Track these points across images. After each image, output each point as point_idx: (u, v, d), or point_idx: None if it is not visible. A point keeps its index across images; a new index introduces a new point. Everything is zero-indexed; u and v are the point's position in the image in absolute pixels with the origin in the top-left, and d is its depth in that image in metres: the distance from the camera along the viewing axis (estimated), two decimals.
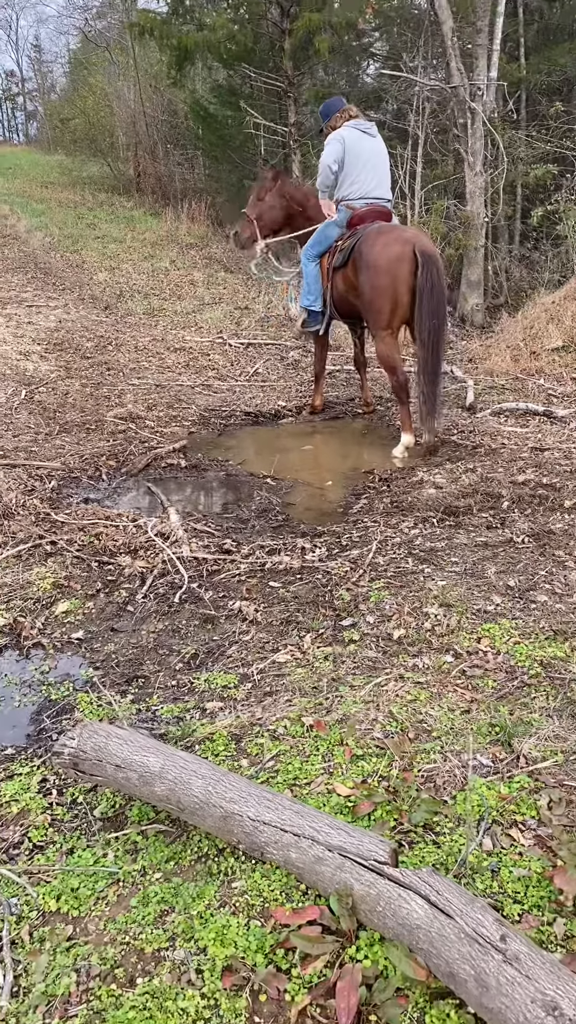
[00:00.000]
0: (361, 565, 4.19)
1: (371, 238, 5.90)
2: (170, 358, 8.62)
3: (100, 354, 8.58)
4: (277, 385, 7.94)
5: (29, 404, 6.92)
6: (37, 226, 16.03)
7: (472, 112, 9.85)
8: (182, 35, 12.87)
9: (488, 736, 2.76)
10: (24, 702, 3.26)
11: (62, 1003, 1.93)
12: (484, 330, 10.02)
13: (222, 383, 7.93)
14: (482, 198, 10.23)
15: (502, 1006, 1.70)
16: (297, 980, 1.91)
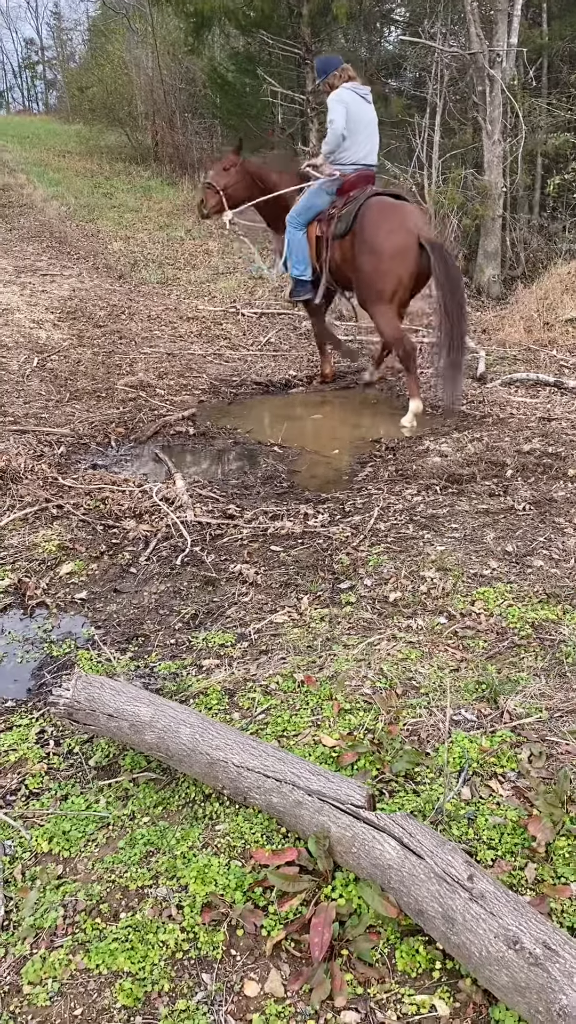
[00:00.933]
0: (362, 531, 4.24)
1: (374, 219, 5.89)
2: (183, 327, 8.64)
3: (113, 323, 8.61)
4: (289, 355, 7.96)
5: (41, 372, 6.98)
6: (53, 195, 16.02)
7: (491, 79, 9.73)
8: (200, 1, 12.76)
9: (475, 693, 2.81)
10: (26, 658, 3.35)
11: (49, 935, 2.02)
12: (500, 301, 9.96)
13: (234, 352, 7.95)
14: (500, 167, 10.12)
15: (467, 941, 1.76)
16: (273, 916, 1.98)
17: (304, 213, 6.27)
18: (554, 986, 1.63)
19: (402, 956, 1.89)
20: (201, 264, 11.36)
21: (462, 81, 11.34)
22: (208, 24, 13.40)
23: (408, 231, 5.78)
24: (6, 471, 4.83)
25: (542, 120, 11.02)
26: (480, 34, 9.77)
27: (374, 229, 5.84)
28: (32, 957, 1.96)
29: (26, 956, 1.97)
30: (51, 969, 1.91)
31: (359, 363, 7.38)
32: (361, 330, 8.67)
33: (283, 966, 1.91)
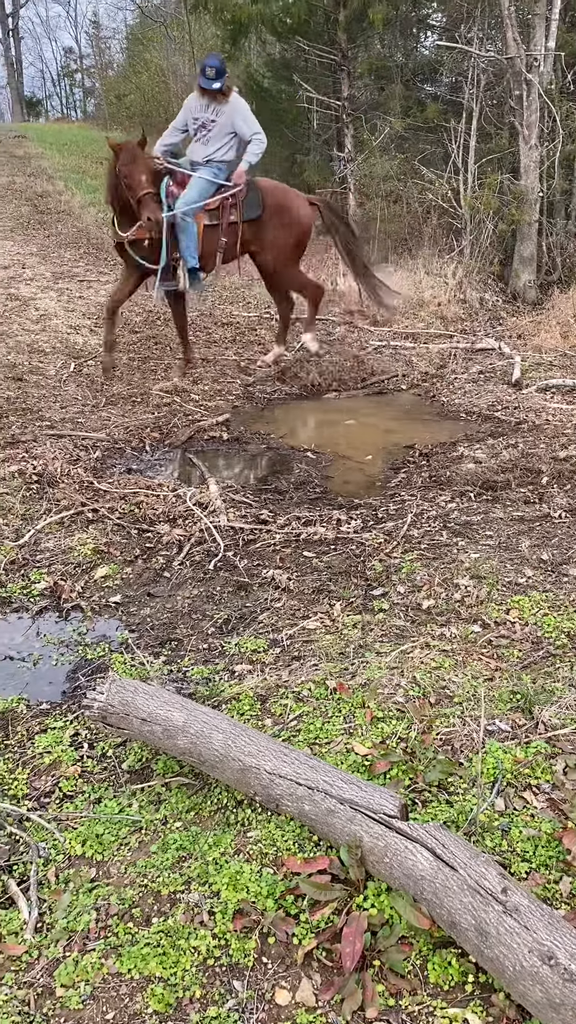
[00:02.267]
0: (395, 537, 4.22)
1: (284, 195, 6.87)
2: (217, 332, 8.68)
3: (148, 328, 8.67)
4: (323, 360, 7.95)
5: (77, 377, 7.04)
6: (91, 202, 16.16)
7: (528, 84, 9.66)
8: (237, 8, 12.80)
9: (509, 703, 2.79)
10: (61, 661, 3.38)
11: (82, 938, 2.03)
12: (536, 306, 9.86)
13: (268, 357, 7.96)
14: (537, 172, 10.03)
15: (500, 954, 1.74)
16: (305, 925, 1.98)
17: (198, 204, 6.45)
18: None
19: (434, 968, 1.87)
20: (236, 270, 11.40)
21: (499, 86, 11.26)
22: (245, 31, 13.45)
23: (309, 200, 7.00)
24: (43, 475, 4.88)
25: None
26: (517, 38, 9.70)
27: (291, 204, 6.81)
28: (65, 960, 1.97)
29: (59, 959, 1.98)
30: (84, 972, 1.93)
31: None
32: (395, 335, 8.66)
33: (314, 975, 1.91)
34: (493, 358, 7.81)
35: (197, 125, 6.59)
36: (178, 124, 6.70)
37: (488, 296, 9.82)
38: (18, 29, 42.32)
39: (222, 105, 6.50)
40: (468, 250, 10.16)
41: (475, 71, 10.69)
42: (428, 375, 7.50)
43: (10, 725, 2.95)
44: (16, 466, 4.96)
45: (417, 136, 12.63)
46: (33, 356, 7.30)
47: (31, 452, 5.18)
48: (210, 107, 6.52)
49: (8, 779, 2.68)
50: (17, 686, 3.21)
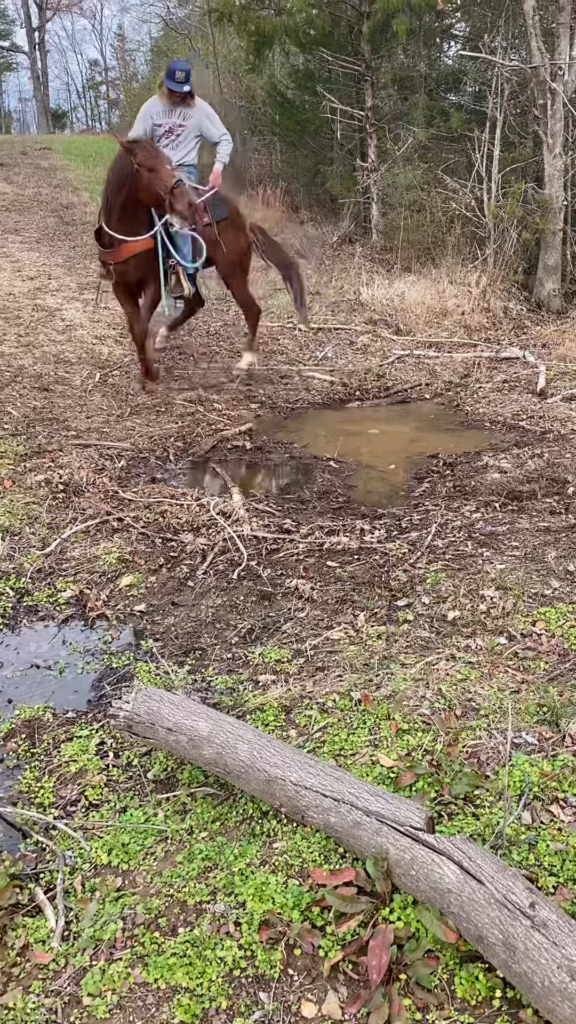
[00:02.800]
0: (419, 547, 4.22)
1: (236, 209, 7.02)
2: (240, 342, 8.70)
3: (172, 338, 8.72)
4: (345, 369, 7.97)
5: (103, 387, 7.09)
6: None
7: (552, 93, 9.64)
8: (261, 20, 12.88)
9: (536, 716, 2.77)
10: (87, 669, 3.40)
11: (108, 947, 2.04)
12: (561, 315, 9.82)
13: (291, 367, 7.99)
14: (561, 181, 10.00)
15: (528, 970, 1.73)
16: (331, 937, 1.98)
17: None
18: None
19: (461, 983, 1.86)
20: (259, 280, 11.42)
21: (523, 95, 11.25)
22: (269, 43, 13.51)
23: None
24: (69, 484, 4.92)
25: None
26: (542, 47, 9.70)
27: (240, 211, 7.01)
28: (92, 969, 1.98)
29: (86, 967, 1.99)
30: (110, 982, 1.93)
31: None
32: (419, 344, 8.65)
33: (341, 988, 1.90)
34: (517, 367, 7.79)
35: (163, 131, 6.51)
36: (138, 133, 6.47)
37: (512, 305, 9.79)
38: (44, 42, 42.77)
39: (189, 109, 6.49)
40: (492, 259, 10.14)
41: (499, 80, 10.68)
42: (452, 384, 7.48)
43: (37, 733, 2.97)
44: (43, 475, 5.00)
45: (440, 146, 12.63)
46: (59, 366, 7.36)
47: (57, 461, 5.22)
48: (176, 111, 6.47)
49: (35, 787, 2.70)
50: (43, 694, 3.23)
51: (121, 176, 6.01)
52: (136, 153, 5.89)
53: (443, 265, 10.44)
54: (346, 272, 11.07)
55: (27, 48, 42.79)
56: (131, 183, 5.94)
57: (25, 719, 3.04)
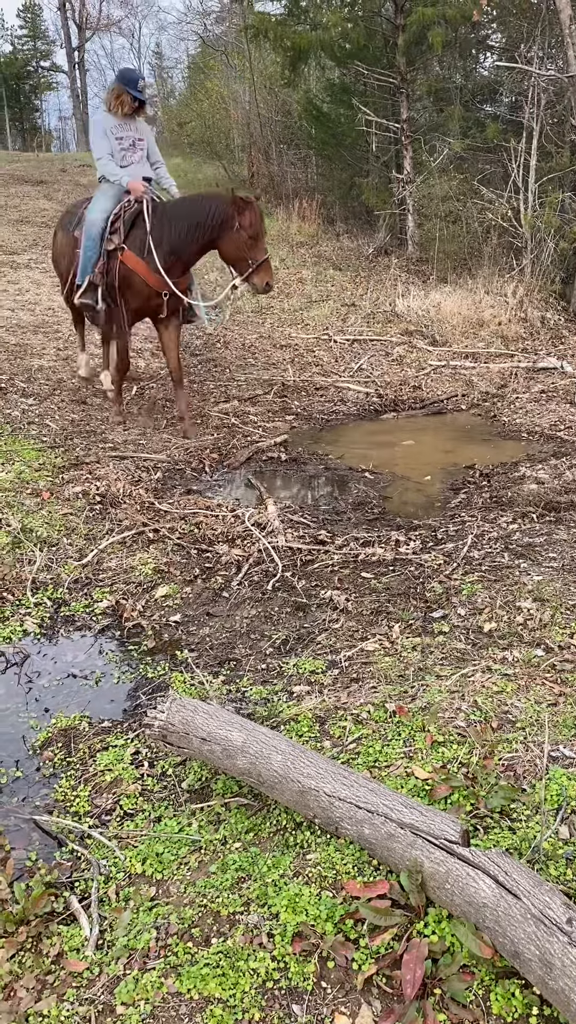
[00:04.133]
0: (455, 559, 4.19)
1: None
2: (276, 354, 8.75)
3: (208, 351, 8.79)
4: (380, 381, 7.96)
5: (139, 400, 7.17)
6: None
7: None
8: (296, 35, 12.98)
9: (574, 729, 2.73)
10: (123, 679, 3.42)
11: (142, 956, 2.04)
12: None
13: (326, 379, 8.00)
14: None
15: (565, 987, 1.70)
16: (364, 950, 1.96)
17: None
18: None
19: (497, 999, 1.84)
20: (295, 292, 11.48)
21: (559, 104, 11.20)
22: (305, 57, 13.61)
23: None
24: (106, 496, 4.97)
25: None
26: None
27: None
28: (125, 978, 1.98)
29: (119, 976, 2.00)
30: (144, 991, 1.93)
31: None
32: (455, 355, 8.61)
33: (374, 1001, 1.89)
34: (555, 377, 7.73)
35: (125, 145, 6.14)
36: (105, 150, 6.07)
37: (549, 315, 9.72)
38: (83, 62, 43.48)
39: (140, 121, 6.24)
40: (529, 269, 10.09)
41: (535, 90, 10.64)
42: (488, 395, 7.44)
43: (72, 743, 2.99)
44: (80, 487, 5.05)
45: (476, 156, 12.61)
46: (96, 380, 7.44)
47: (94, 473, 5.28)
48: (131, 124, 6.15)
49: (70, 796, 2.72)
50: (80, 703, 3.26)
51: (208, 226, 5.81)
52: (245, 214, 5.74)
53: (479, 276, 10.40)
54: (382, 283, 11.08)
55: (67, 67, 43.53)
56: (219, 238, 5.84)
57: (61, 728, 3.07)
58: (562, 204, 10.30)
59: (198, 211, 5.83)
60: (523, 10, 12.32)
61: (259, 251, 5.89)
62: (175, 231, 5.85)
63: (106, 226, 5.98)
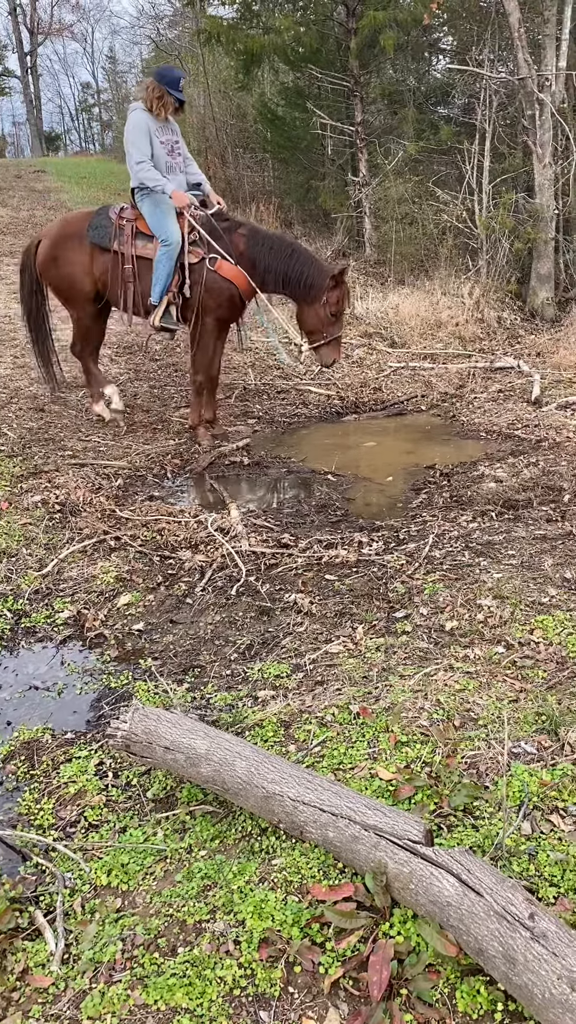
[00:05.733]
0: (417, 558, 4.21)
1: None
2: (236, 358, 8.73)
3: (168, 356, 8.75)
4: (341, 383, 7.98)
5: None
6: None
7: (540, 103, 9.71)
8: (249, 39, 13.00)
9: (535, 725, 2.76)
10: (85, 690, 3.40)
11: (108, 969, 2.03)
12: (554, 324, 9.85)
13: (287, 382, 8.01)
14: (551, 190, 10.05)
15: (529, 982, 1.72)
16: (331, 953, 1.97)
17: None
18: None
19: (463, 996, 1.85)
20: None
21: (511, 106, 11.34)
22: (258, 61, 13.64)
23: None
24: (66, 504, 4.93)
25: None
26: (528, 59, 9.77)
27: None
28: (91, 991, 1.97)
29: (85, 990, 1.98)
30: (110, 1004, 1.92)
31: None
32: (415, 356, 8.68)
33: (341, 1004, 1.89)
34: (512, 377, 7.81)
35: (166, 149, 5.85)
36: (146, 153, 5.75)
37: (506, 315, 9.82)
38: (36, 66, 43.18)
39: (173, 121, 5.97)
40: (485, 270, 10.19)
41: (487, 92, 10.76)
42: (447, 395, 7.50)
43: (36, 755, 2.96)
44: (39, 496, 5.01)
45: (431, 158, 12.71)
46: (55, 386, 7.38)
47: (54, 482, 5.23)
48: (169, 125, 5.90)
49: (34, 809, 2.69)
50: (42, 716, 3.23)
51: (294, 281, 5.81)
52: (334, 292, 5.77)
53: (436, 277, 10.48)
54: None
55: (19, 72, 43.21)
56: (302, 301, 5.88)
57: (24, 741, 3.04)
58: (516, 205, 10.42)
59: (293, 268, 5.80)
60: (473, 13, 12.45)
61: (336, 328, 5.91)
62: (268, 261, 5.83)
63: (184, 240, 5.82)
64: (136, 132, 5.74)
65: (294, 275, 5.79)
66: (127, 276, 5.94)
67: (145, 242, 5.90)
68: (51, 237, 6.20)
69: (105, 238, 5.96)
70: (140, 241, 5.92)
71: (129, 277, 5.94)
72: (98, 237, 5.98)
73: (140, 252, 5.91)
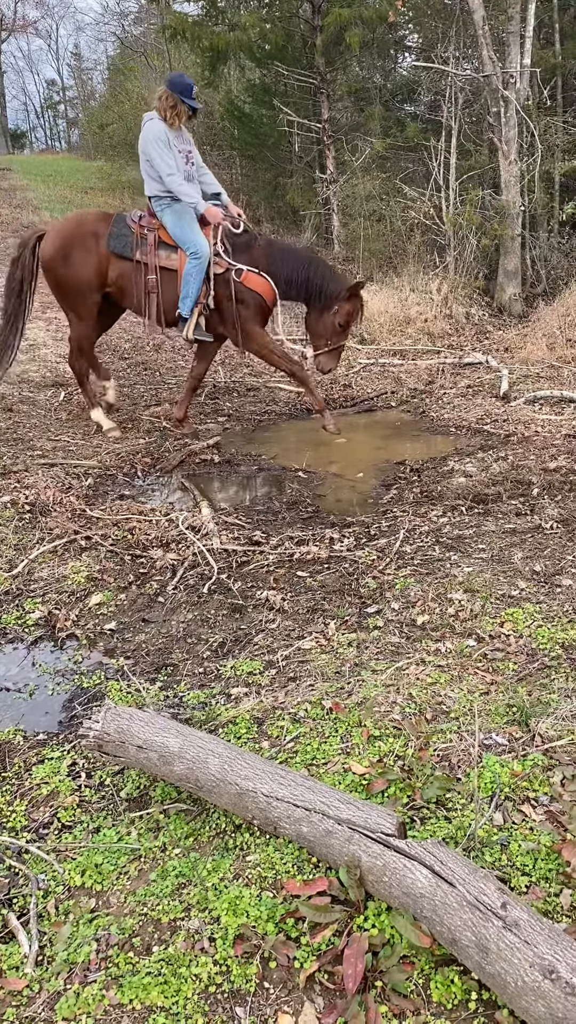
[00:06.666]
0: (388, 554, 4.23)
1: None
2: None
3: (137, 355, 8.72)
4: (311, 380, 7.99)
5: (68, 405, 7.07)
6: None
7: (505, 101, 9.78)
8: (214, 36, 12.98)
9: (505, 716, 2.79)
10: (57, 690, 3.37)
11: (82, 970, 2.02)
12: (522, 319, 9.93)
13: (257, 380, 8.01)
14: (517, 187, 10.13)
15: (501, 970, 1.74)
16: (306, 948, 1.97)
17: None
18: None
19: (437, 987, 1.86)
20: None
21: (477, 103, 11.41)
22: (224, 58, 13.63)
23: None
24: (35, 504, 4.89)
25: (559, 139, 11.02)
26: (493, 56, 9.84)
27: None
28: (66, 993, 1.96)
29: (60, 992, 1.97)
30: (85, 1005, 1.91)
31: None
32: (383, 353, 8.71)
33: (317, 998, 1.90)
34: (481, 372, 7.87)
35: (182, 158, 5.83)
36: (172, 166, 5.72)
37: (474, 311, 9.89)
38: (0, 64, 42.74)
39: (185, 130, 5.96)
40: (452, 266, 10.24)
41: (453, 90, 10.82)
42: (417, 391, 7.53)
43: (7, 757, 2.94)
44: (8, 496, 4.97)
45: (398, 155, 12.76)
46: (23, 386, 7.34)
47: (23, 482, 5.19)
48: (183, 134, 5.88)
49: (6, 811, 2.67)
50: (14, 717, 3.20)
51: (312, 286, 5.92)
52: (347, 304, 5.91)
53: (405, 273, 10.52)
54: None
55: None
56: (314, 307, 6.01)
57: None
58: (482, 201, 10.49)
59: (312, 275, 5.91)
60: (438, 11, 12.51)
61: (341, 338, 6.00)
62: (286, 270, 5.91)
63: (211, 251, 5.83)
64: (158, 143, 5.72)
65: (314, 284, 5.91)
66: (151, 287, 5.95)
67: (168, 252, 5.93)
68: (63, 234, 6.09)
69: (127, 248, 5.95)
70: (163, 251, 5.93)
71: (153, 287, 5.95)
72: (119, 247, 5.96)
73: (164, 263, 5.92)
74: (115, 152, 23.52)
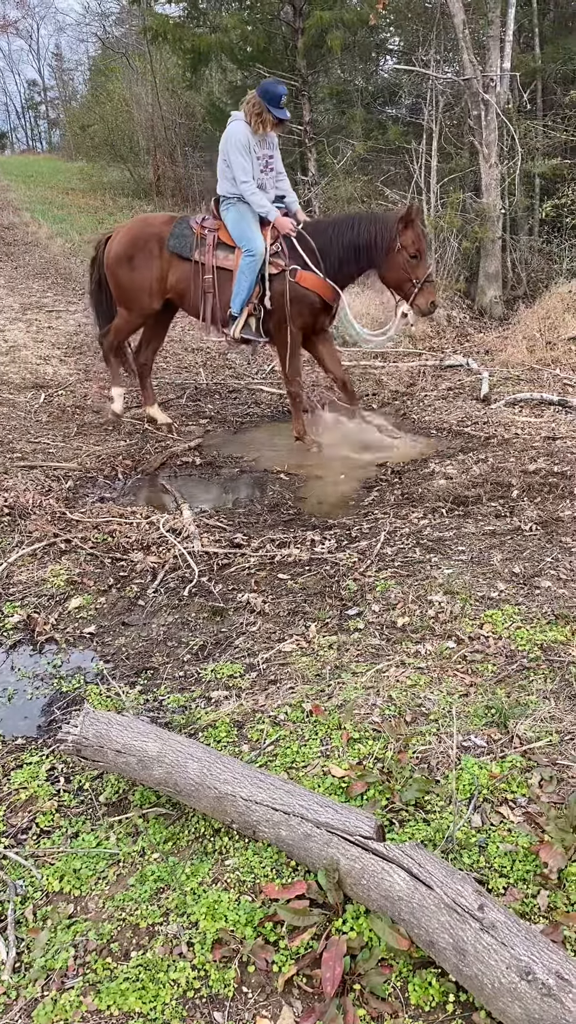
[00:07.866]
0: (369, 556, 4.24)
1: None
2: (188, 358, 8.71)
3: None
4: None
5: (48, 407, 7.04)
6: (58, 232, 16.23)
7: (486, 104, 9.83)
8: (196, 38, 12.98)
9: (484, 718, 2.80)
10: (36, 695, 3.35)
11: (60, 976, 2.01)
12: (502, 322, 9.98)
13: (238, 382, 8.00)
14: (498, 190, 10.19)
15: (478, 972, 1.74)
16: (284, 952, 1.97)
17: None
18: (568, 1017, 1.61)
19: (415, 989, 1.87)
20: None
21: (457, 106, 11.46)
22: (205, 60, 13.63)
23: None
24: (14, 507, 4.86)
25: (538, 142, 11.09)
26: (473, 60, 9.88)
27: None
28: (43, 999, 1.95)
29: (37, 998, 1.96)
30: (62, 1011, 1.90)
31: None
32: (366, 356, 8.73)
33: (295, 1002, 1.90)
34: (461, 374, 7.89)
35: (261, 164, 5.83)
36: (249, 171, 5.73)
37: (455, 313, 9.93)
38: None
39: (272, 134, 5.87)
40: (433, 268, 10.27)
41: (434, 93, 10.85)
42: (398, 393, 7.55)
43: None
44: None
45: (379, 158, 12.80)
46: (2, 388, 7.29)
47: (1, 485, 5.16)
48: (267, 140, 5.84)
49: None
50: None
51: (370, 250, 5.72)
52: (407, 233, 5.61)
53: None
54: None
55: None
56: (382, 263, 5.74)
57: None
58: (463, 204, 10.53)
59: (361, 235, 5.74)
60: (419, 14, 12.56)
61: (422, 269, 5.77)
62: (337, 249, 5.78)
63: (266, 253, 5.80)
64: (238, 147, 5.69)
65: (363, 242, 5.75)
66: (207, 286, 5.93)
67: (226, 253, 5.91)
68: (129, 235, 6.15)
69: (186, 248, 5.96)
70: (221, 252, 5.92)
71: (209, 287, 5.93)
72: (179, 247, 5.98)
73: (221, 263, 5.90)
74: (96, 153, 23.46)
